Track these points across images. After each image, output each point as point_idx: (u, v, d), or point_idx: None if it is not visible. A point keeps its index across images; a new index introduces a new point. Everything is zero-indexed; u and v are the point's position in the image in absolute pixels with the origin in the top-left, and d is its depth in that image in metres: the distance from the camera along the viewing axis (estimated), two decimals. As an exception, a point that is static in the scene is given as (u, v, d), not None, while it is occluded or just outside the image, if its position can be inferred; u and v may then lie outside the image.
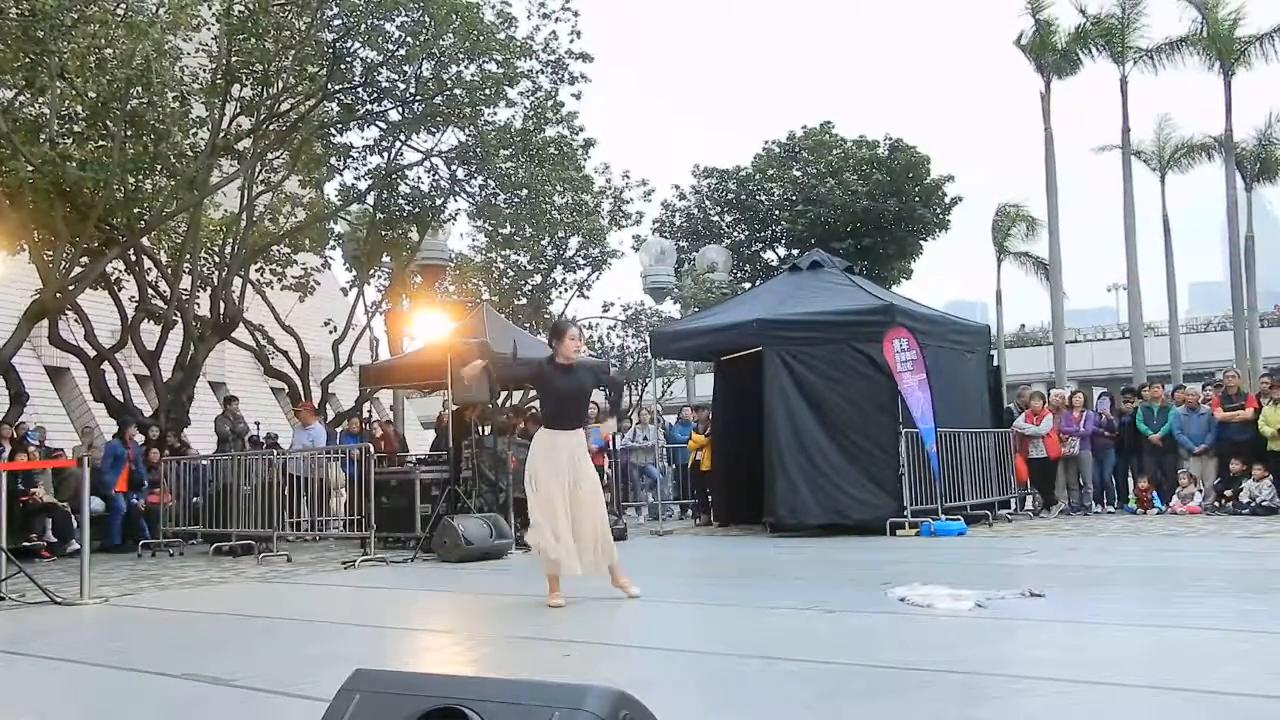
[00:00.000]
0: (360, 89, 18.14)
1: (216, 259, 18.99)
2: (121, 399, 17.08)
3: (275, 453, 13.22)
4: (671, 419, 18.75)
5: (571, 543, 7.19)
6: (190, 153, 16.72)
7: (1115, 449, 15.15)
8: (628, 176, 27.95)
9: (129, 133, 14.90)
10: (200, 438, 18.59)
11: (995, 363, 15.89)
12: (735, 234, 34.04)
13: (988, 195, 37.34)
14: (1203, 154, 30.91)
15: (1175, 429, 14.73)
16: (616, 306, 30.20)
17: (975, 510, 13.21)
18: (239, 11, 15.95)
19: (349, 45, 17.44)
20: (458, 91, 17.86)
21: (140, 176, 16.03)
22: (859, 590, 7.52)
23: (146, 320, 17.98)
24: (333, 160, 20.26)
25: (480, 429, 13.56)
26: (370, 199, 20.61)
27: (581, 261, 28.34)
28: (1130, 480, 15.10)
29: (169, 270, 17.96)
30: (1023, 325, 52.65)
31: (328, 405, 20.15)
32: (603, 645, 5.97)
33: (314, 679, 4.88)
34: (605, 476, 15.50)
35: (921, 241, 32.99)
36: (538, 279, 28.12)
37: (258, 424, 17.88)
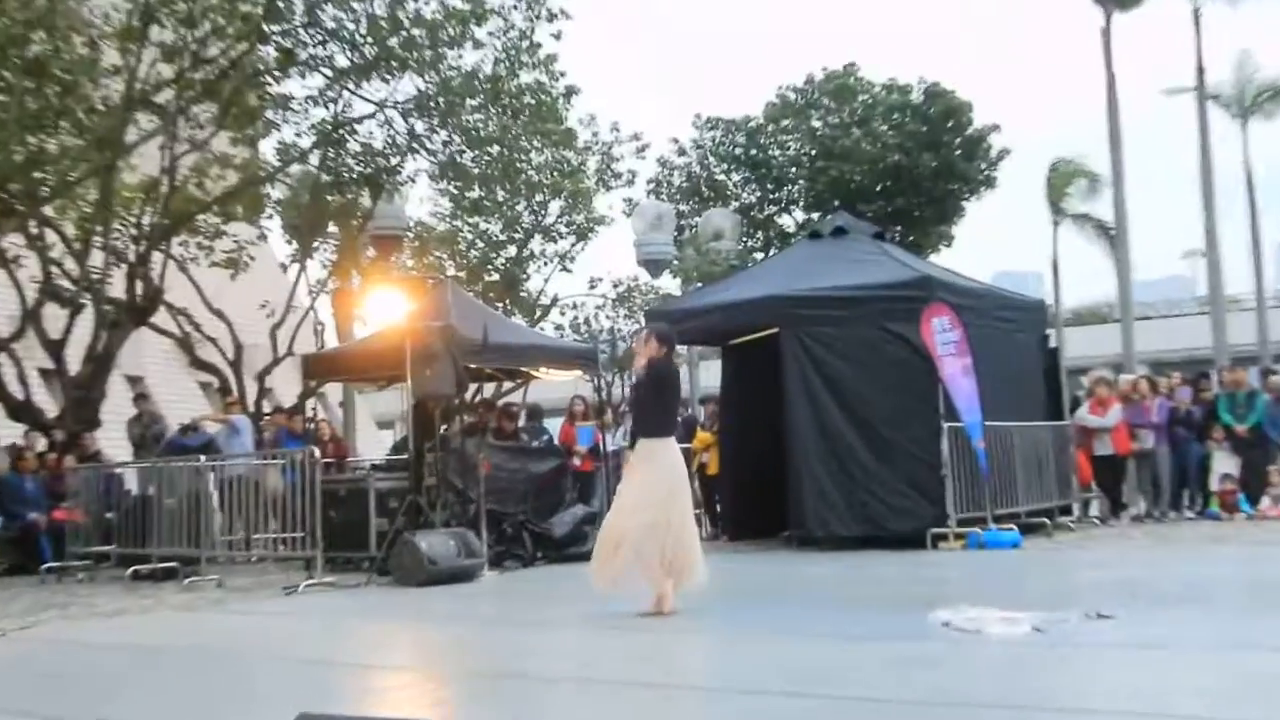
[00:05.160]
0: (302, 29, 18.01)
1: (133, 231, 18.84)
2: (21, 397, 17.00)
3: (203, 459, 13.13)
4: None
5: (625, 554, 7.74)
6: (102, 106, 16.55)
7: (1198, 442, 15.14)
8: (617, 129, 27.78)
9: (29, 84, 14.76)
10: (114, 442, 18.48)
11: (1052, 344, 15.85)
12: (745, 195, 33.95)
13: (1040, 147, 37.24)
14: (1293, 97, 30.85)
15: (1264, 420, 14.71)
16: (605, 282, 30.10)
17: (1031, 518, 13.18)
18: (156, -61, 15.83)
19: (287, -23, 17.32)
20: (416, 32, 17.72)
21: (43, 135, 15.88)
22: (896, 613, 7.50)
23: (50, 304, 17.87)
24: (269, 114, 20.12)
25: (446, 428, 13.47)
26: (314, 158, 20.48)
27: (564, 229, 28.19)
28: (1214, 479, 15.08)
29: (77, 245, 17.85)
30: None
31: (264, 402, 20.04)
32: (593, 681, 5.92)
33: (248, 726, 4.83)
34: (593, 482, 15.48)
35: (963, 202, 32.93)
36: (512, 251, 28.02)
37: (182, 425, 17.78)
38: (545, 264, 28.68)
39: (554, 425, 16.54)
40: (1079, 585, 9.04)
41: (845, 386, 12.57)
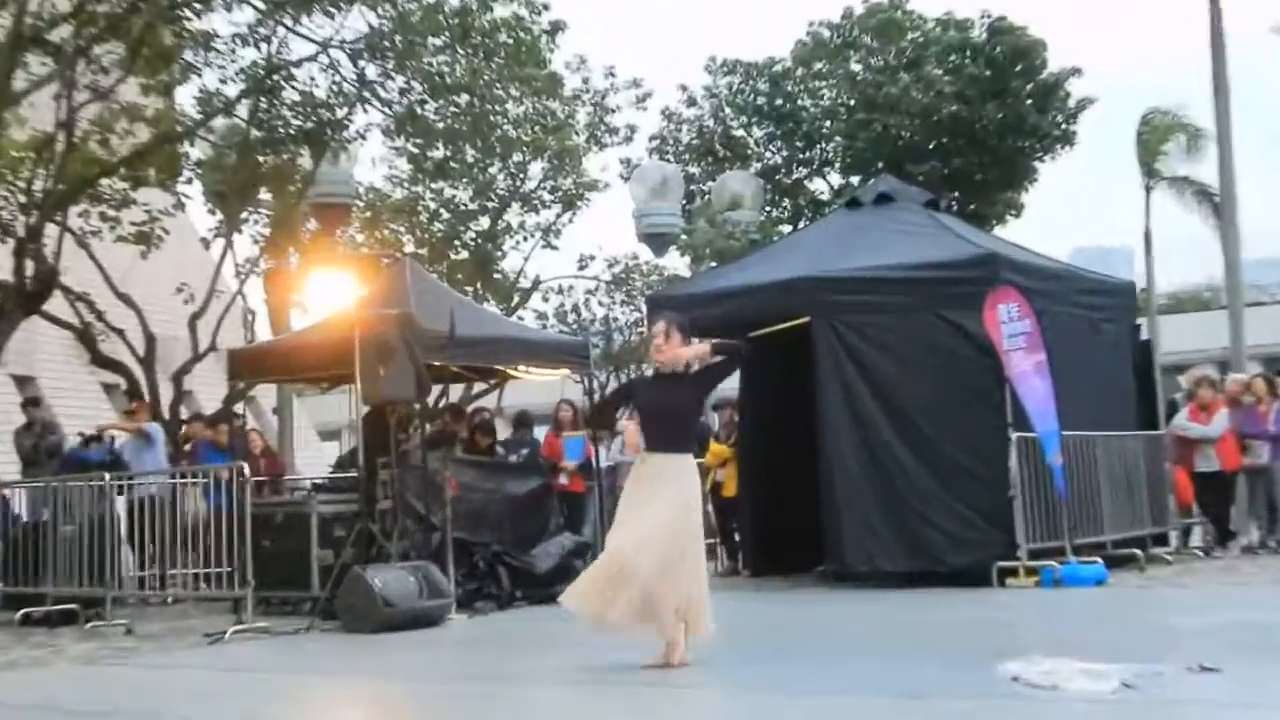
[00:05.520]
0: (226, -49, 17.99)
1: (22, 199, 18.84)
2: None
3: (108, 476, 13.12)
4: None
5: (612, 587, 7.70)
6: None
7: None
8: (613, 75, 27.88)
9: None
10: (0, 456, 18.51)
11: (1145, 335, 15.84)
12: (768, 155, 33.94)
13: (1130, 96, 37.23)
14: None
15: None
16: (599, 261, 30.14)
17: (1119, 548, 13.17)
18: None
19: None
20: (366, -47, 17.72)
21: (-91, 81, 15.87)
22: (954, 665, 7.50)
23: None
24: (188, 55, 20.09)
25: (404, 439, 13.45)
26: (242, 110, 20.45)
27: (547, 197, 28.22)
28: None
29: (-48, 216, 17.84)
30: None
31: (182, 407, 20.02)
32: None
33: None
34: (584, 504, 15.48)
35: (1036, 163, 32.91)
36: (485, 223, 28.04)
37: (82, 435, 17.77)
38: (525, 239, 28.72)
39: (536, 434, 16.53)
40: (1177, 631, 9.03)
41: (892, 389, 12.57)
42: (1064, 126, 32.46)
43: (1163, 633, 9.00)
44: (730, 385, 17.79)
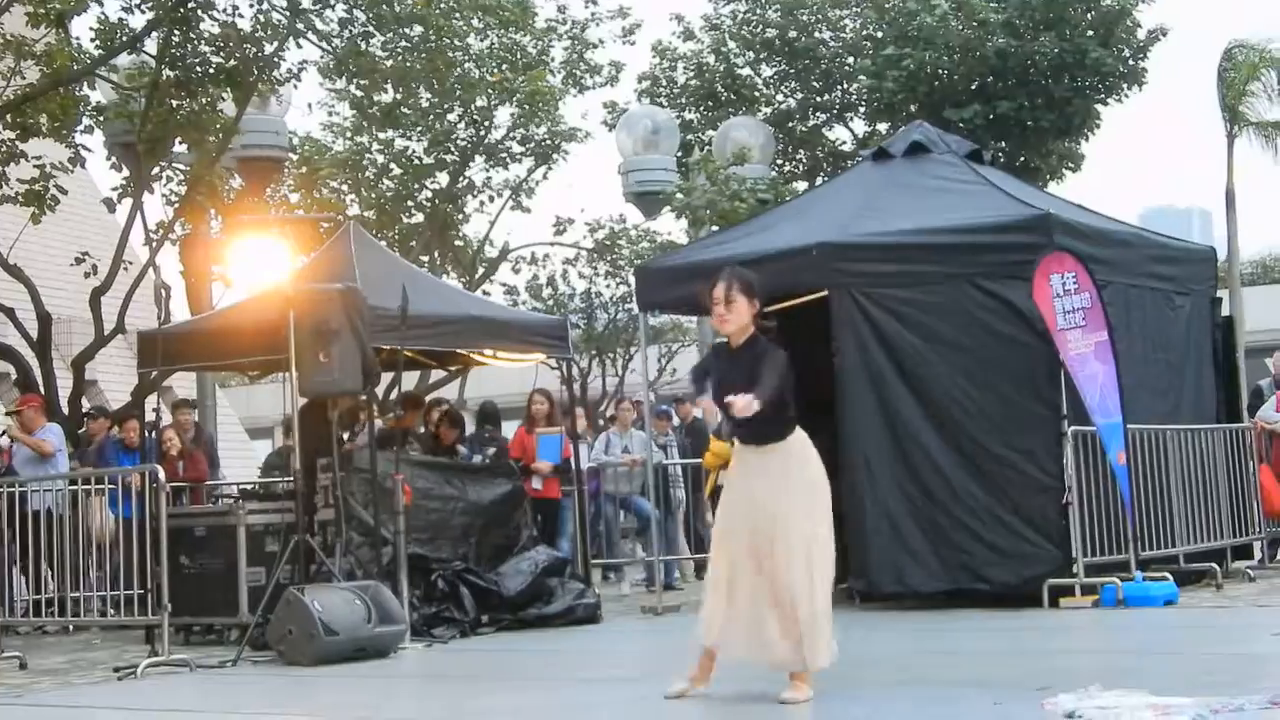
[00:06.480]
0: None
1: (-111, 153, 18.87)
2: None
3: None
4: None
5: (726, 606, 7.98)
6: None
7: None
8: (594, 3, 27.84)
9: None
10: None
11: (1226, 311, 15.85)
12: (780, 98, 33.90)
13: (1211, 27, 37.22)
14: None
15: None
16: (578, 225, 30.13)
17: (1193, 563, 13.25)
18: None
19: None
20: None
21: None
22: (1001, 701, 7.54)
23: None
24: (86, -21, 20.05)
25: (349, 437, 13.48)
26: (152, 45, 20.41)
27: (517, 149, 28.20)
28: None
29: None
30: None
31: (83, 400, 20.03)
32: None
33: None
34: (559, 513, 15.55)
35: (1098, 106, 32.88)
36: (443, 179, 28.01)
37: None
38: (491, 199, 28.69)
39: (507, 432, 16.57)
40: (1261, 658, 9.08)
41: (925, 375, 12.63)
42: (1132, 62, 32.37)
43: (1244, 661, 9.00)
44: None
